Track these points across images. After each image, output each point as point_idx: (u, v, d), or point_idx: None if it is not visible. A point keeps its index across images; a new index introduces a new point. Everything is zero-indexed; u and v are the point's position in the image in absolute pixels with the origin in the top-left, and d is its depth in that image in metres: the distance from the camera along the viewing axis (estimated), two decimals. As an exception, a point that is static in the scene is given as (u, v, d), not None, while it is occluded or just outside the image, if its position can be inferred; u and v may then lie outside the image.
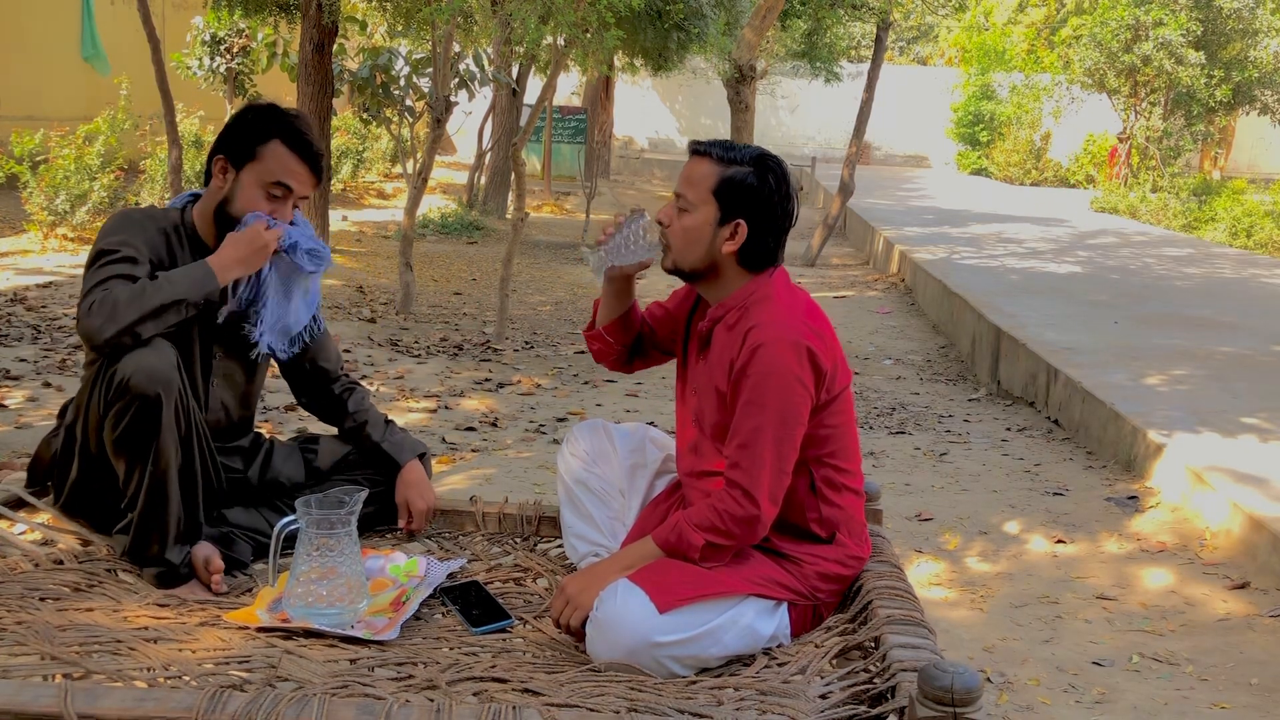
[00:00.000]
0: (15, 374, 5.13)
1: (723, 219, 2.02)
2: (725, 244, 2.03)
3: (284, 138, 2.23)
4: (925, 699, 1.50)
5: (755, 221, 2.02)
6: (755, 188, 2.02)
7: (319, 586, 1.98)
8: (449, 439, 4.72)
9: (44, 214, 8.58)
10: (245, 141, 2.23)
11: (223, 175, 2.24)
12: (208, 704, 1.49)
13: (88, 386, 2.11)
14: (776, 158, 2.07)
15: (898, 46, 30.98)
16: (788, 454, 1.96)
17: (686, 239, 2.05)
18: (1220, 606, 3.39)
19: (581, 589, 1.97)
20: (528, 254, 10.98)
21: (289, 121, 2.25)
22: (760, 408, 1.94)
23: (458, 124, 18.01)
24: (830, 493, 2.05)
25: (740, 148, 2.06)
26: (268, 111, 2.26)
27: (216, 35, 12.61)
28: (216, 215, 2.26)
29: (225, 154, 2.24)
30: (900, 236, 11.58)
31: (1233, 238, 13.00)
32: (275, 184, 2.23)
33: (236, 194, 2.23)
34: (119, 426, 2.03)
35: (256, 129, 2.23)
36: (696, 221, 2.04)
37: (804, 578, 2.01)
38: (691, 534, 1.95)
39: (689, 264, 2.07)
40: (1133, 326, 7.03)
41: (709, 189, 2.02)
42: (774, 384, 1.94)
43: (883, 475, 4.56)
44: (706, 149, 2.06)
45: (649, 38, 10.07)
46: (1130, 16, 16.94)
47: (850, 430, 2.10)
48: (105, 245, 2.15)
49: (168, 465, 2.06)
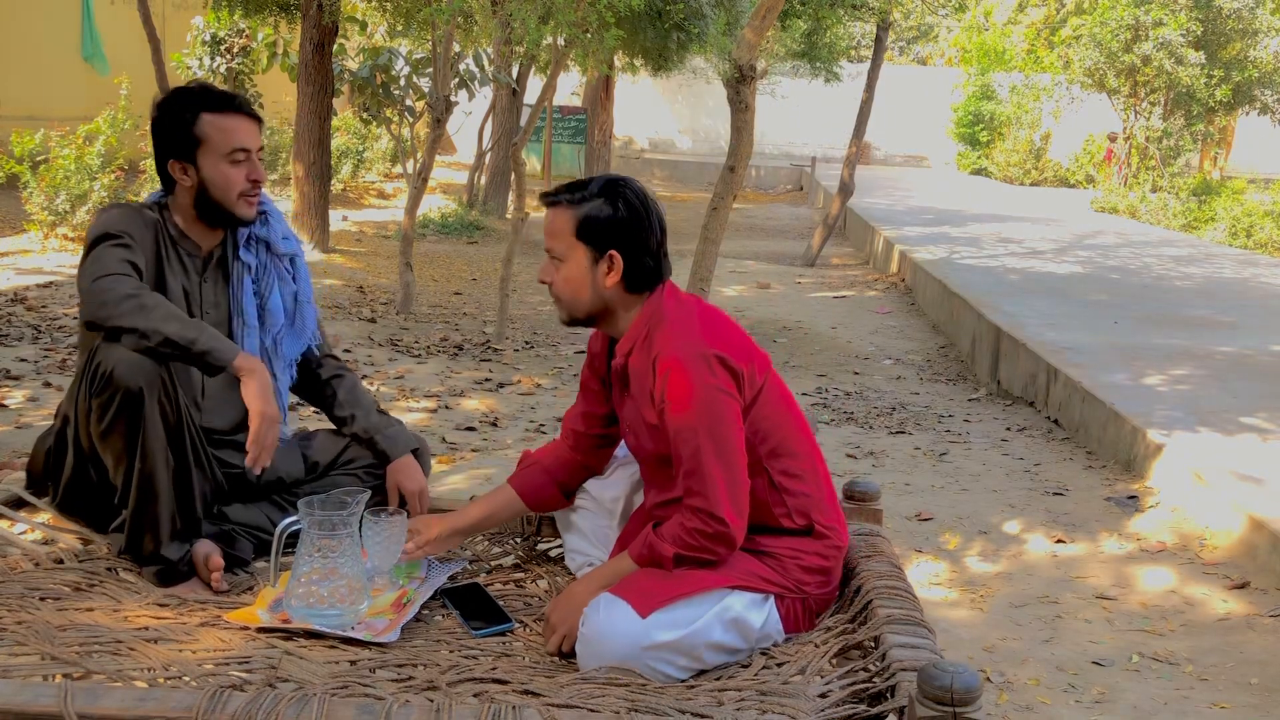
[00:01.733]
0: (15, 374, 5.13)
1: (596, 258, 2.04)
2: (606, 279, 2.04)
3: (206, 108, 2.25)
4: (925, 699, 1.50)
5: (626, 248, 2.03)
6: (612, 216, 2.02)
7: (320, 587, 1.98)
8: (449, 439, 4.73)
9: (44, 214, 8.58)
10: (180, 135, 2.25)
11: (184, 174, 2.26)
12: (208, 704, 1.49)
13: (76, 380, 2.11)
14: (625, 179, 2.08)
15: (898, 46, 30.98)
16: (735, 462, 1.96)
17: (571, 288, 2.06)
18: (1220, 606, 3.39)
19: (564, 615, 1.98)
20: (528, 254, 10.97)
21: (200, 93, 2.28)
22: (692, 430, 1.93)
23: (458, 124, 18.02)
24: (790, 483, 2.04)
25: (587, 183, 2.06)
26: (176, 99, 2.28)
27: (217, 35, 12.62)
28: (199, 207, 2.29)
29: (174, 156, 2.26)
30: (900, 236, 11.58)
31: (1232, 238, 13.00)
32: (232, 152, 2.25)
33: (209, 181, 2.26)
34: (104, 420, 2.03)
35: (181, 118, 2.25)
36: (573, 269, 2.05)
37: (786, 571, 2.01)
38: (662, 546, 1.95)
39: (583, 311, 2.08)
40: (1133, 326, 7.03)
41: (571, 234, 2.04)
42: (695, 402, 1.93)
43: (883, 475, 4.56)
44: (555, 198, 2.07)
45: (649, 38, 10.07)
46: (1130, 16, 16.95)
47: (789, 414, 2.08)
48: (111, 229, 2.16)
49: (154, 460, 2.06)
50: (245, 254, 2.37)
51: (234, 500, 2.34)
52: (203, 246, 2.34)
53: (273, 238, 2.41)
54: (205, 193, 2.26)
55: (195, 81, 2.36)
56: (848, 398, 5.97)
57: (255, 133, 2.30)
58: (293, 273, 2.45)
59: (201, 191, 2.26)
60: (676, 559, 1.95)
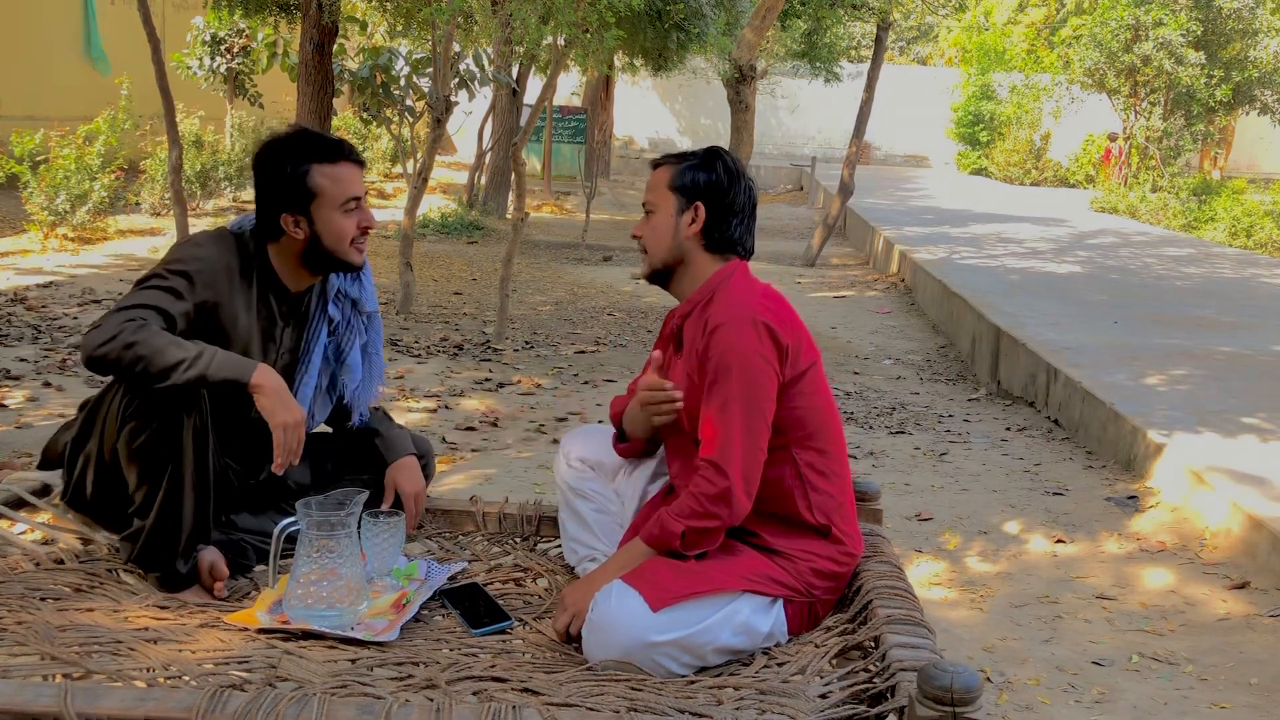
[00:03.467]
0: (15, 374, 5.13)
1: (682, 207, 2.16)
2: (688, 228, 2.16)
3: (318, 158, 2.22)
4: (925, 699, 1.50)
5: (710, 202, 2.16)
6: (706, 175, 2.17)
7: (319, 588, 1.98)
8: (449, 439, 4.73)
9: (44, 214, 8.58)
10: (295, 187, 2.21)
11: (297, 226, 2.23)
12: (208, 704, 1.49)
13: (109, 392, 2.09)
14: (726, 151, 2.23)
15: (898, 46, 30.98)
16: (758, 428, 1.99)
17: (655, 236, 2.19)
18: (1220, 606, 3.39)
19: (578, 598, 2.00)
20: (528, 254, 10.98)
21: (309, 142, 2.24)
22: (725, 384, 1.99)
23: (458, 124, 18.04)
24: (817, 479, 2.06)
25: (693, 151, 2.23)
26: (287, 147, 2.24)
27: (217, 35, 12.63)
28: (307, 255, 2.26)
29: (287, 209, 2.22)
30: (900, 236, 11.58)
31: (1232, 237, 13.00)
32: (346, 202, 2.24)
33: (323, 232, 2.23)
34: (136, 439, 2.02)
35: (294, 170, 2.21)
36: (661, 218, 2.19)
37: (798, 574, 2.02)
38: (671, 523, 1.98)
39: (661, 258, 2.18)
40: (1133, 326, 7.03)
41: (666, 185, 2.19)
42: (735, 360, 1.99)
43: (883, 475, 4.56)
44: (662, 159, 2.25)
45: (649, 38, 10.08)
46: (1130, 16, 16.96)
47: (828, 415, 2.11)
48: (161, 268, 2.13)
49: (184, 486, 2.06)
50: (333, 309, 2.37)
51: (242, 509, 2.35)
52: (292, 290, 2.32)
53: (362, 296, 2.42)
54: (318, 243, 2.24)
55: (294, 126, 2.33)
56: (848, 398, 5.97)
57: (360, 178, 2.28)
58: (367, 327, 2.46)
59: (314, 242, 2.24)
60: (684, 537, 1.97)
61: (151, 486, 2.06)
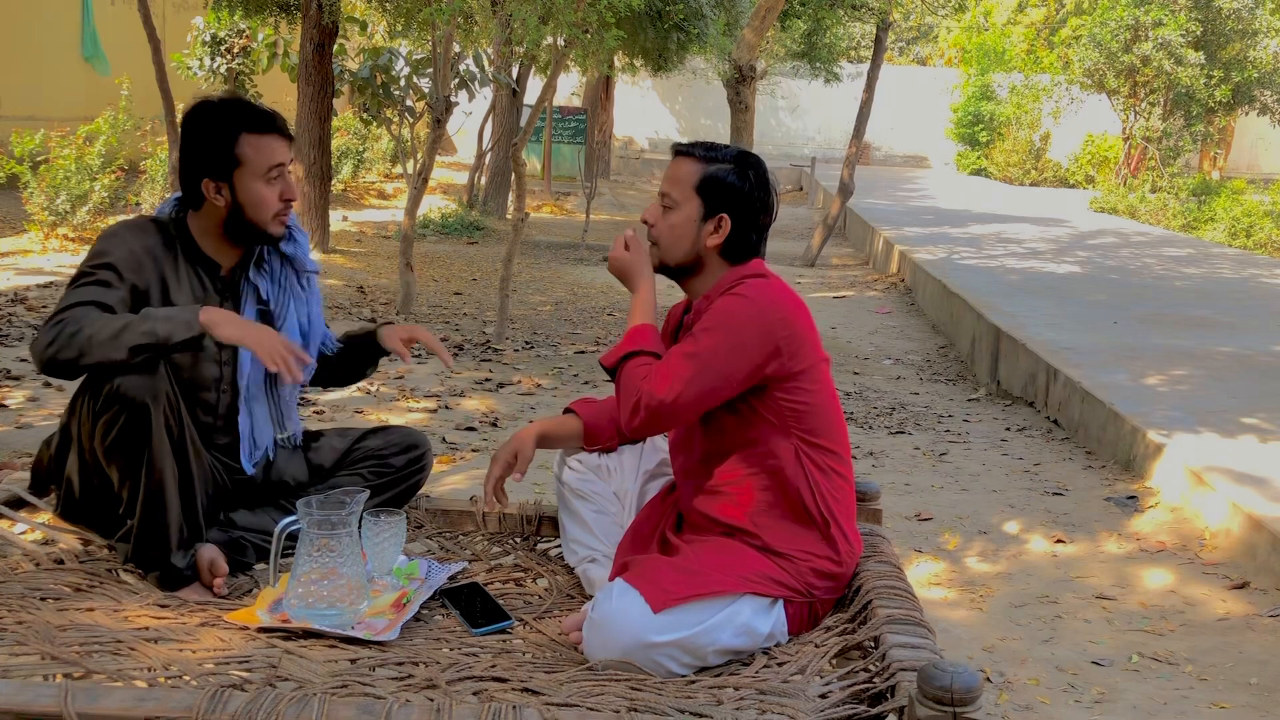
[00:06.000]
0: (15, 374, 5.13)
1: (706, 214, 2.09)
2: (709, 238, 2.10)
3: (247, 127, 2.20)
4: (925, 699, 1.50)
5: (737, 215, 2.09)
6: (736, 184, 2.08)
7: (320, 587, 1.98)
8: (449, 439, 4.73)
9: (44, 214, 8.58)
10: (220, 154, 2.19)
11: (218, 194, 2.21)
12: (208, 704, 1.49)
13: (79, 398, 2.09)
14: (756, 156, 2.15)
15: (897, 47, 30.98)
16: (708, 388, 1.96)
17: (673, 235, 2.11)
18: (1220, 606, 3.39)
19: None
20: (528, 254, 10.98)
21: (240, 110, 2.22)
22: (702, 337, 1.99)
23: (458, 124, 18.02)
24: (819, 475, 2.05)
25: (721, 148, 2.13)
26: (213, 114, 2.22)
27: (217, 35, 12.62)
28: (229, 226, 2.24)
29: (208, 175, 2.20)
30: (900, 236, 11.58)
31: (1232, 238, 13.00)
32: (268, 170, 2.21)
33: (245, 202, 2.21)
34: (109, 435, 2.02)
35: (221, 135, 2.19)
36: (681, 218, 2.10)
37: (798, 574, 2.02)
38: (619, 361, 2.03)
39: (675, 259, 2.13)
40: (1132, 326, 7.03)
41: (692, 186, 2.09)
42: (725, 321, 1.98)
43: (883, 475, 4.56)
44: (689, 149, 2.13)
45: (649, 38, 10.08)
46: (1130, 16, 16.96)
47: (833, 415, 2.10)
48: (85, 266, 2.13)
49: (163, 473, 2.05)
50: (255, 275, 2.34)
51: (240, 506, 2.34)
52: (223, 264, 2.30)
53: (300, 255, 2.39)
54: (239, 213, 2.22)
55: (227, 92, 2.32)
56: (847, 398, 5.97)
57: (286, 148, 2.26)
58: (306, 293, 2.44)
59: (235, 211, 2.22)
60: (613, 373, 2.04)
61: (134, 481, 2.06)
